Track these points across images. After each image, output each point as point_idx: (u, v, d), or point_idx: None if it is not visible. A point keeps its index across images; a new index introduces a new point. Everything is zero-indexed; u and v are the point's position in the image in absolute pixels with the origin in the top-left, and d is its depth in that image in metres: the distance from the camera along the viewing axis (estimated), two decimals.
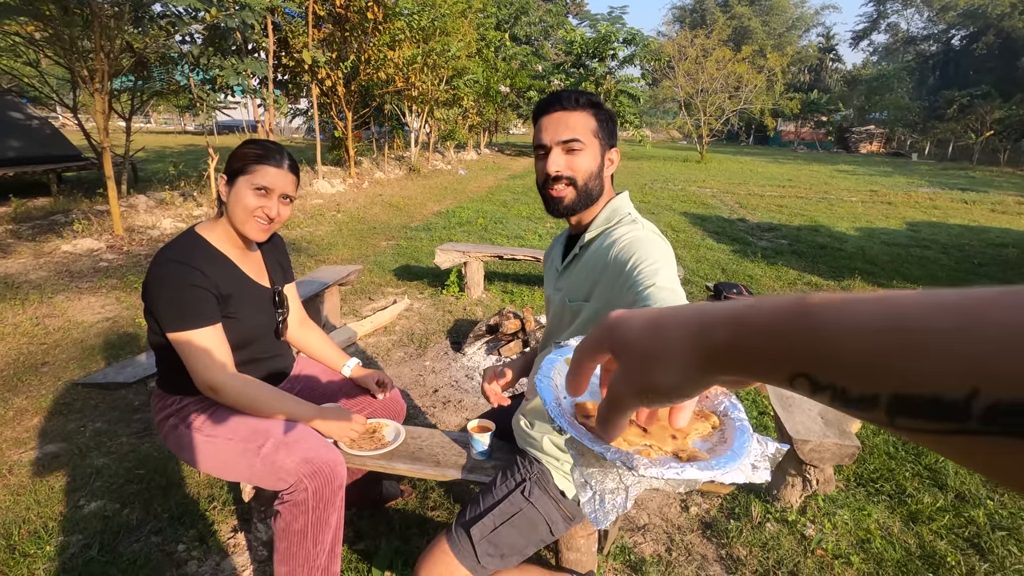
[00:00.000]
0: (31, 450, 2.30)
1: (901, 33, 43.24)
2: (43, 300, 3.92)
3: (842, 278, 5.26)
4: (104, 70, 5.41)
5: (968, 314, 0.22)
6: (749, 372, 0.31)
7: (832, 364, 0.26)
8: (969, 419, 0.21)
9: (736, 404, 0.55)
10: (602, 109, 1.22)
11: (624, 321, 0.38)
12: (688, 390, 0.35)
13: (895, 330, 0.24)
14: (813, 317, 0.27)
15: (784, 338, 0.28)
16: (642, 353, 0.36)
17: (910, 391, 0.23)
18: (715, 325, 0.32)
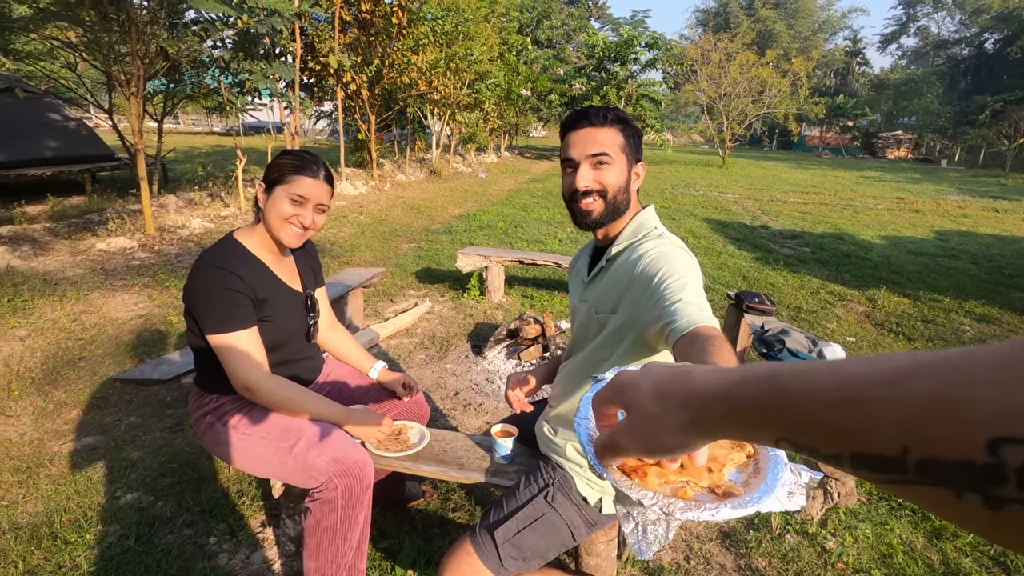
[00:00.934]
0: (70, 442, 2.40)
1: (931, 36, 42.30)
2: (80, 297, 4.07)
3: (867, 288, 5.19)
4: (140, 74, 5.59)
5: (894, 384, 0.27)
6: (743, 438, 0.38)
7: (802, 430, 0.31)
8: (907, 472, 0.25)
9: None
10: (629, 125, 1.25)
11: (633, 386, 0.44)
12: (690, 448, 0.41)
13: (844, 402, 0.29)
14: (784, 392, 0.32)
15: (766, 410, 0.34)
16: (650, 418, 0.42)
17: (863, 450, 0.27)
18: (710, 401, 0.38)
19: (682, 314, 0.96)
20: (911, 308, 4.67)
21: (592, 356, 1.31)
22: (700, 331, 0.90)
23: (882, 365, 0.28)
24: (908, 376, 0.26)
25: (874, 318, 4.42)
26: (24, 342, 3.32)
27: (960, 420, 0.24)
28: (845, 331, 4.10)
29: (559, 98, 20.41)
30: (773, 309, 3.06)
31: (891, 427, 0.26)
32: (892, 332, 4.10)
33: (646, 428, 0.42)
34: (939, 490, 0.25)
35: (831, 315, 4.42)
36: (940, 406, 0.25)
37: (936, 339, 3.97)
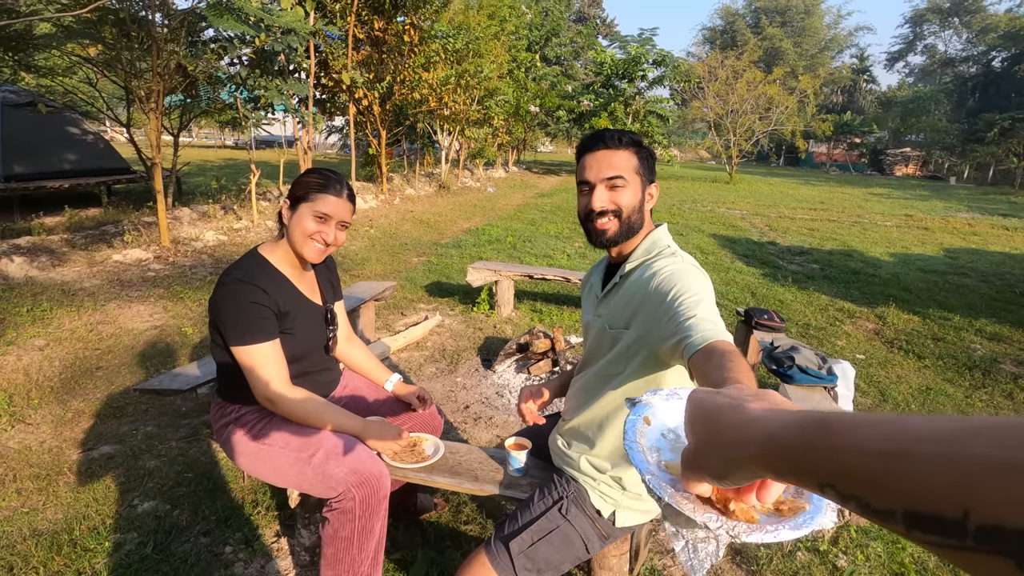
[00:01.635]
0: (88, 450, 2.44)
1: (939, 54, 42.45)
2: (97, 307, 4.14)
3: (876, 305, 5.18)
4: (159, 90, 5.73)
5: (955, 442, 0.26)
6: (784, 479, 0.37)
7: (851, 479, 0.30)
8: (966, 537, 0.24)
9: None
10: (643, 147, 1.29)
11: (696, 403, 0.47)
12: (734, 481, 0.43)
13: (898, 454, 0.28)
14: (832, 435, 0.32)
15: (811, 454, 0.33)
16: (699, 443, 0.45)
17: (919, 509, 0.26)
18: (751, 444, 0.39)
19: (696, 330, 0.99)
20: (921, 326, 4.66)
21: (605, 370, 1.34)
22: (716, 346, 0.93)
23: (940, 422, 0.28)
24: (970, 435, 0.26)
25: (884, 335, 4.41)
26: (43, 351, 3.38)
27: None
28: (855, 348, 4.09)
29: (567, 114, 20.59)
30: (783, 326, 3.07)
31: (951, 487, 0.25)
32: (902, 350, 4.09)
33: (698, 453, 0.45)
34: (999, 560, 0.23)
35: (840, 332, 4.42)
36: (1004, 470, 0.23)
37: (947, 357, 3.96)
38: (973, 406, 3.23)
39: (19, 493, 2.13)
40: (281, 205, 1.53)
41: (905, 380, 3.57)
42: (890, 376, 3.63)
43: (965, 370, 3.76)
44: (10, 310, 3.88)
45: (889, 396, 3.31)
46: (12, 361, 3.21)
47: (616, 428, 1.33)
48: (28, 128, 8.15)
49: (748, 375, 0.81)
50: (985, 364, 3.83)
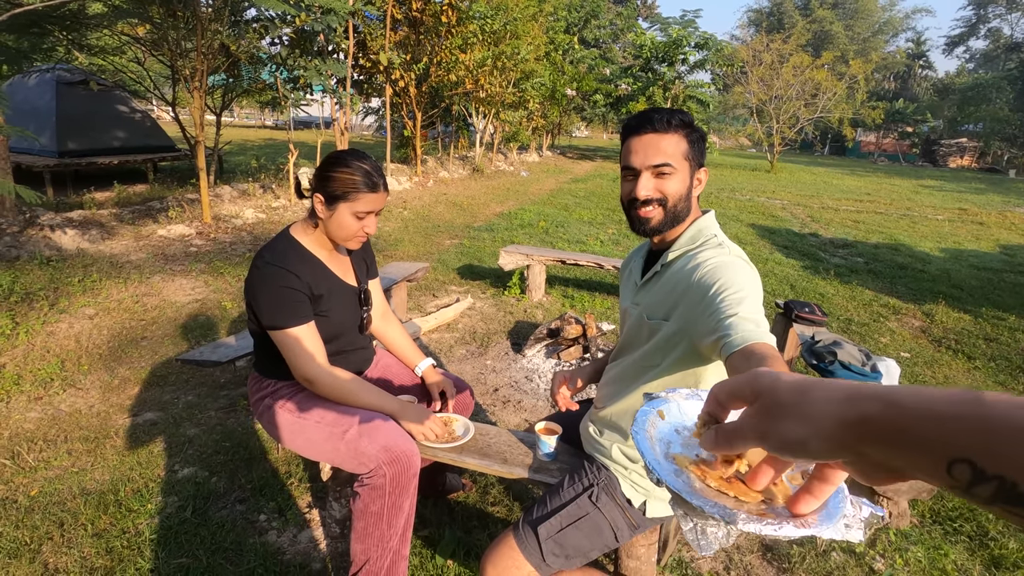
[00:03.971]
0: (134, 416, 2.54)
1: (1003, 39, 39.88)
2: (142, 280, 4.29)
3: (923, 302, 4.96)
4: (203, 69, 5.85)
5: None
6: (895, 447, 0.31)
7: (1006, 458, 0.26)
8: None
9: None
10: (694, 129, 1.22)
11: (770, 376, 0.41)
12: (812, 449, 0.36)
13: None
14: (988, 407, 0.28)
15: (947, 422, 0.29)
16: (780, 404, 0.39)
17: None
18: (864, 399, 0.34)
19: (737, 329, 0.95)
20: (972, 325, 4.44)
21: (642, 361, 1.31)
22: (756, 348, 0.89)
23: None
24: None
25: (931, 334, 4.22)
26: (92, 320, 3.53)
27: None
28: (899, 346, 3.93)
29: (604, 98, 20.20)
30: (824, 320, 2.96)
31: None
32: (951, 349, 3.91)
33: (773, 413, 0.39)
34: None
35: (884, 329, 4.25)
36: None
37: (999, 359, 3.76)
38: None
39: (70, 454, 2.24)
40: (313, 199, 1.47)
41: (953, 381, 3.41)
42: (937, 376, 3.47)
43: (1020, 373, 3.57)
44: (63, 280, 4.06)
45: None
46: (64, 328, 3.36)
47: None
48: (81, 106, 8.45)
49: None
50: None
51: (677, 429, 0.65)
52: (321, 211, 1.47)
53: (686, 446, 0.61)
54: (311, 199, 1.49)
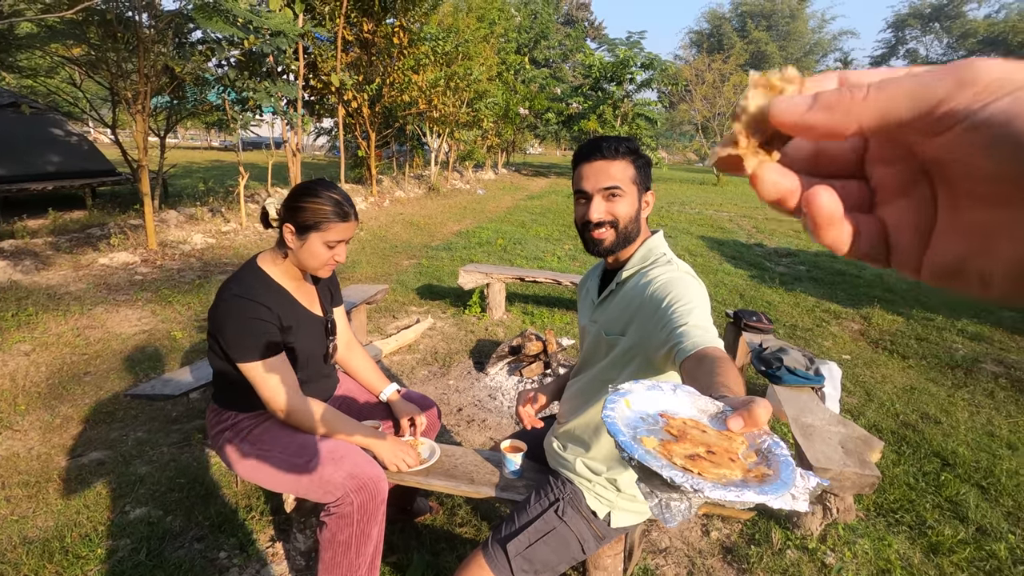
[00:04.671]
0: (78, 457, 2.42)
1: (920, 59, 43.17)
2: (83, 312, 4.09)
3: (861, 306, 5.27)
4: (145, 91, 5.67)
5: None
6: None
7: None
8: None
9: (779, 442, 0.62)
10: (640, 156, 1.30)
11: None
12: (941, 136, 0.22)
13: None
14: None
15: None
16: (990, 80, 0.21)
17: None
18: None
19: (688, 336, 1.02)
20: (905, 326, 4.75)
21: (601, 376, 1.37)
22: (707, 352, 0.96)
23: None
24: None
25: (869, 336, 4.49)
26: (29, 357, 3.34)
27: None
28: (841, 349, 4.16)
29: (556, 116, 20.66)
30: (771, 327, 3.12)
31: None
32: (887, 350, 4.17)
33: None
34: None
35: (827, 333, 4.49)
36: None
37: (930, 357, 4.04)
38: (956, 405, 3.31)
39: (8, 501, 2.11)
40: (284, 230, 1.46)
41: (890, 380, 3.64)
42: (875, 376, 3.69)
43: (948, 369, 3.85)
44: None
45: (875, 396, 3.37)
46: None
47: None
48: (10, 129, 8.03)
49: (737, 380, 0.84)
50: (967, 363, 3.92)
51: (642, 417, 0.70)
52: (291, 241, 1.47)
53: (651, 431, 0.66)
54: (280, 229, 1.48)
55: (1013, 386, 3.61)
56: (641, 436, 0.63)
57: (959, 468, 2.60)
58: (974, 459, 2.68)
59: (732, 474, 0.58)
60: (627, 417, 0.69)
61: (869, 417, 3.10)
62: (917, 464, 2.64)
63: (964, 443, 2.84)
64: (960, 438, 2.89)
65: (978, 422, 3.12)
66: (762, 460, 0.61)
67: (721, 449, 0.61)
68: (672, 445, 0.62)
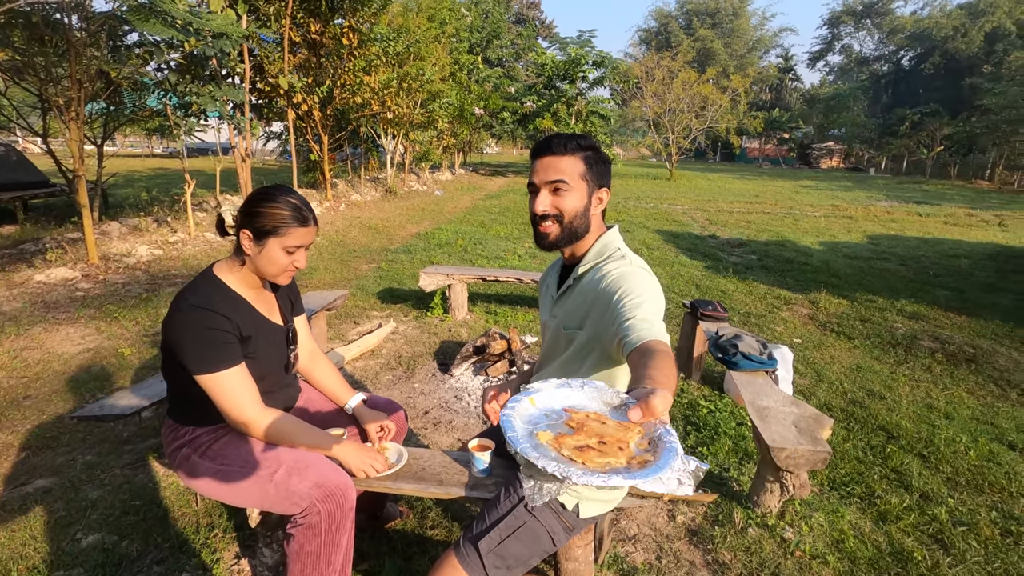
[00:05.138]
0: (21, 486, 2.28)
1: (855, 54, 45.42)
2: (20, 332, 3.86)
3: (809, 291, 5.51)
4: (79, 97, 5.39)
5: None
6: None
7: None
8: None
9: (670, 430, 0.68)
10: (595, 152, 1.32)
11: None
12: None
13: None
14: None
15: None
16: None
17: None
18: None
19: (634, 330, 1.05)
20: (849, 309, 5.00)
21: (562, 370, 1.39)
22: (649, 346, 1.00)
23: None
24: None
25: (817, 319, 4.70)
26: None
27: None
28: (792, 333, 4.35)
29: (511, 115, 20.74)
30: (726, 316, 3.23)
31: None
32: (834, 332, 4.38)
33: None
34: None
35: (778, 319, 4.68)
36: None
37: (873, 337, 4.27)
38: (898, 380, 3.51)
39: None
40: (241, 236, 1.42)
41: (838, 360, 3.83)
42: (824, 357, 3.88)
43: (889, 348, 4.07)
44: None
45: (824, 376, 3.54)
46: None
47: None
48: None
49: (667, 373, 0.87)
50: (906, 341, 4.16)
51: (546, 413, 0.79)
52: (249, 247, 1.43)
53: (551, 426, 0.74)
54: (236, 236, 1.44)
55: (948, 360, 3.85)
56: (539, 431, 0.71)
57: (903, 440, 2.76)
58: (916, 431, 2.86)
59: (616, 462, 0.64)
60: (529, 414, 0.76)
61: (820, 397, 3.25)
62: (865, 439, 2.79)
63: (906, 416, 3.02)
64: (903, 412, 3.07)
65: (918, 395, 3.31)
66: (652, 448, 0.66)
67: (613, 439, 0.67)
68: (565, 438, 0.69)
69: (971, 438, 2.79)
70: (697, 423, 2.86)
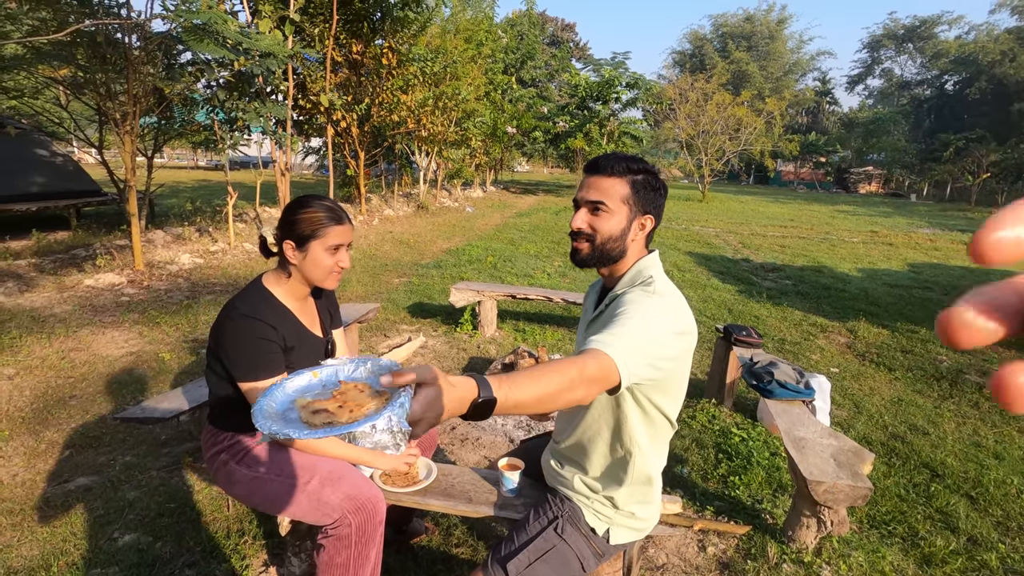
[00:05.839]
0: (64, 483, 2.37)
1: (895, 78, 44.46)
2: (68, 334, 4.03)
3: (847, 319, 5.35)
4: (134, 112, 5.67)
5: None
6: None
7: None
8: None
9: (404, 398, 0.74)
10: (646, 176, 1.29)
11: None
12: None
13: None
14: None
15: None
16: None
17: None
18: None
19: (591, 342, 1.04)
20: (890, 339, 4.83)
21: None
22: (583, 352, 1.01)
23: None
24: None
25: (856, 349, 4.55)
26: (12, 381, 3.27)
27: None
28: (828, 362, 4.22)
29: (543, 135, 20.93)
30: (760, 342, 3.16)
31: None
32: (873, 363, 4.23)
33: None
34: None
35: (814, 346, 4.55)
36: None
37: (915, 369, 4.10)
38: (942, 416, 3.36)
39: None
40: (284, 246, 1.47)
41: (878, 392, 3.69)
42: (863, 388, 3.74)
43: (933, 381, 3.91)
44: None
45: (863, 408, 3.41)
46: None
47: (600, 449, 1.35)
48: None
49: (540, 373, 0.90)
50: (951, 375, 3.98)
51: (324, 383, 0.86)
52: (293, 256, 1.47)
53: (320, 394, 0.82)
54: (280, 247, 1.49)
55: None
56: (298, 398, 0.81)
57: (948, 479, 2.64)
58: (962, 469, 2.72)
59: (338, 420, 0.73)
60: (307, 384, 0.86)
61: (859, 429, 3.13)
62: (907, 475, 2.67)
63: (952, 454, 2.88)
64: (948, 449, 2.93)
65: (964, 432, 3.17)
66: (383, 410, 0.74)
67: (350, 403, 0.75)
68: (314, 402, 0.78)
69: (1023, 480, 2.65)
70: (729, 451, 2.79)
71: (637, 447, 1.30)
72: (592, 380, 0.96)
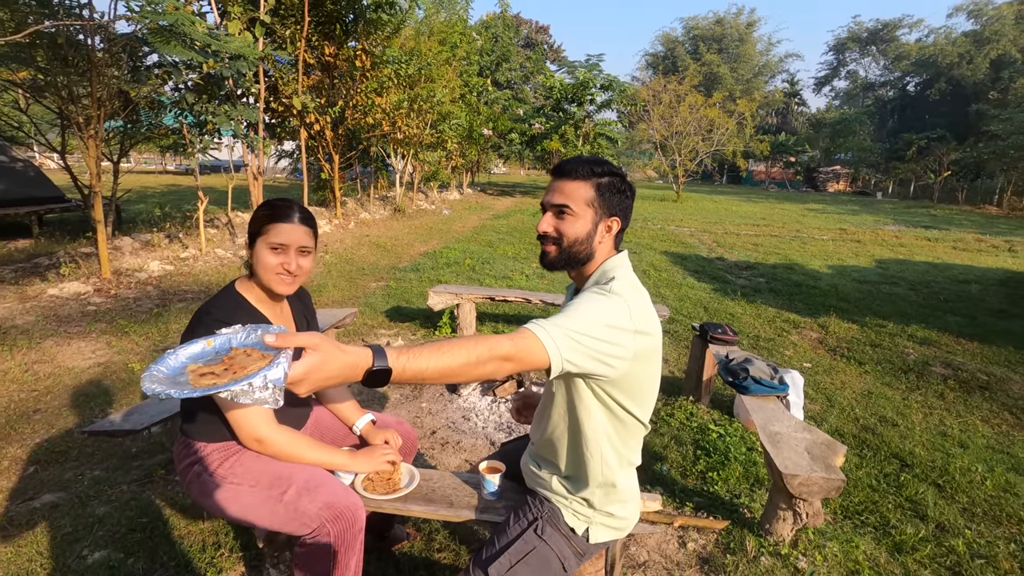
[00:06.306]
0: (29, 500, 2.28)
1: (860, 80, 45.74)
2: (32, 345, 3.89)
3: (818, 315, 5.48)
4: (98, 115, 5.50)
5: None
6: None
7: None
8: None
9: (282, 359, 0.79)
10: (612, 178, 1.29)
11: None
12: None
13: None
14: None
15: None
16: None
17: None
18: None
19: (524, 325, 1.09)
20: (859, 333, 4.96)
21: (548, 389, 1.40)
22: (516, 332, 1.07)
23: None
24: None
25: (827, 344, 4.67)
26: None
27: None
28: (802, 357, 4.31)
29: (519, 136, 20.99)
30: (736, 339, 3.21)
31: None
32: (844, 357, 4.34)
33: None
34: None
35: (788, 342, 4.65)
36: None
37: (884, 362, 4.22)
38: (910, 407, 3.46)
39: None
40: (245, 246, 1.51)
41: (849, 386, 3.79)
42: (835, 382, 3.84)
43: (901, 374, 4.03)
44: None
45: (835, 402, 3.50)
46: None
47: (568, 447, 1.36)
48: None
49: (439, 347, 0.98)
50: (918, 367, 4.11)
51: (218, 351, 0.90)
52: (248, 255, 1.48)
53: (211, 361, 0.86)
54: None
55: (961, 387, 3.80)
56: (190, 364, 0.85)
57: (916, 468, 2.72)
58: (930, 459, 2.81)
59: (220, 381, 0.77)
60: (201, 353, 0.89)
61: (831, 423, 3.21)
62: (878, 466, 2.75)
63: (920, 444, 2.97)
64: (916, 439, 3.03)
65: (931, 423, 3.27)
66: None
67: (236, 366, 0.80)
68: (203, 367, 0.82)
69: (987, 467, 2.75)
70: (707, 448, 2.83)
71: (607, 446, 1.31)
72: (505, 358, 1.02)
